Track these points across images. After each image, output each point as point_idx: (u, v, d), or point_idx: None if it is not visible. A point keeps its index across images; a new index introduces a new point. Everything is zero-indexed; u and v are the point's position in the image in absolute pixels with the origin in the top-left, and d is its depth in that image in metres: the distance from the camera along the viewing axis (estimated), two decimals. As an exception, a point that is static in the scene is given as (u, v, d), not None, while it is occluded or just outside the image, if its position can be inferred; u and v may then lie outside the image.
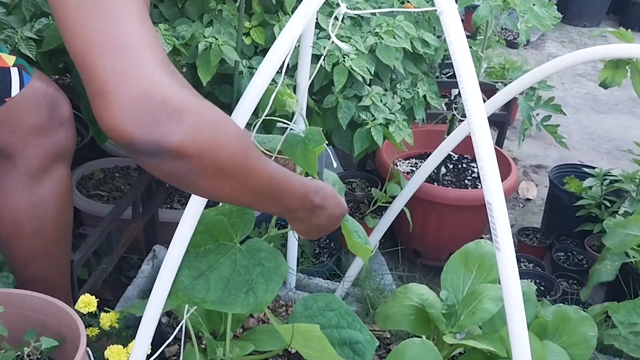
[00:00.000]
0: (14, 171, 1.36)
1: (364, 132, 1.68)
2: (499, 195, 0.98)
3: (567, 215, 2.58)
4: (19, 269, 1.47)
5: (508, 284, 1.00)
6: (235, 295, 1.09)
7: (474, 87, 0.96)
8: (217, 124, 0.79)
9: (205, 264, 1.11)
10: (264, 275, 1.11)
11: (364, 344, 1.21)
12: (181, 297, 1.09)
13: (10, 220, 1.39)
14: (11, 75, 1.29)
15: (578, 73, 4.56)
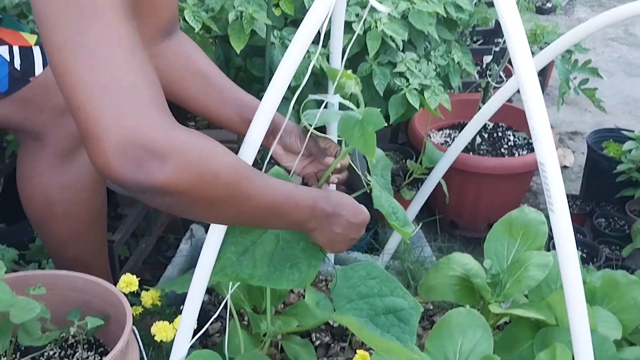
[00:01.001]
0: (43, 152, 1.36)
1: (399, 97, 1.65)
2: (552, 156, 0.94)
3: (607, 180, 2.52)
4: (55, 250, 1.47)
5: (563, 245, 0.97)
6: (280, 271, 1.09)
7: (522, 43, 0.92)
8: (204, 158, 0.81)
9: (249, 240, 1.10)
10: (306, 251, 1.10)
11: (408, 310, 1.18)
12: (229, 273, 1.08)
13: (42, 201, 1.39)
14: (34, 54, 1.29)
15: (609, 37, 4.46)
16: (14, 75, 1.26)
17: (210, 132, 2.44)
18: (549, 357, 1.31)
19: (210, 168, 0.82)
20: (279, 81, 1.02)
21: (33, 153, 1.37)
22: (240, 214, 0.91)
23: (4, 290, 1.11)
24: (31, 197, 1.40)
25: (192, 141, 0.81)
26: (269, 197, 0.92)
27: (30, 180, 1.39)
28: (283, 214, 0.97)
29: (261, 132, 1.05)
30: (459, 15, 1.80)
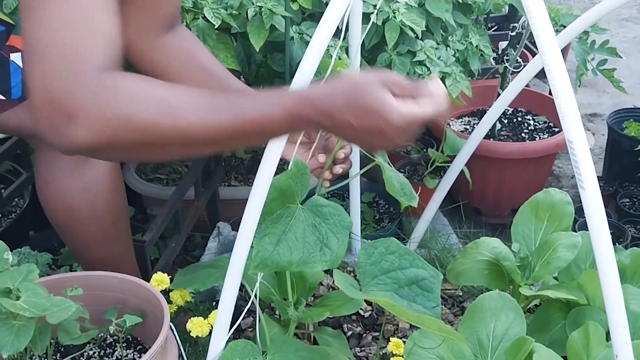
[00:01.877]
0: (59, 157, 1.37)
1: (420, 86, 1.66)
2: (580, 133, 0.95)
3: (629, 160, 2.51)
4: (81, 254, 1.49)
5: (595, 221, 0.98)
6: (313, 253, 1.12)
7: (545, 22, 0.93)
8: (124, 107, 0.79)
9: (280, 229, 1.13)
10: (332, 230, 1.14)
11: (430, 279, 1.24)
12: (269, 264, 1.11)
13: (64, 206, 1.41)
14: None
15: (624, 17, 4.43)
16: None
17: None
18: (582, 336, 1.31)
19: (131, 115, 0.79)
20: (301, 78, 1.03)
21: (49, 160, 1.39)
22: (193, 147, 0.86)
23: (39, 294, 1.13)
24: (52, 204, 1.42)
25: (116, 90, 0.79)
26: (216, 124, 0.84)
27: (49, 186, 1.41)
28: (252, 133, 0.87)
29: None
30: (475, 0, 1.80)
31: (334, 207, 1.16)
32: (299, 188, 1.16)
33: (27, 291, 1.11)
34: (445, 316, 1.68)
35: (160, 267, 1.60)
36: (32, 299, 1.10)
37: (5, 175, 2.04)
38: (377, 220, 2.20)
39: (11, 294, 1.10)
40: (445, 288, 1.78)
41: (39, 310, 1.09)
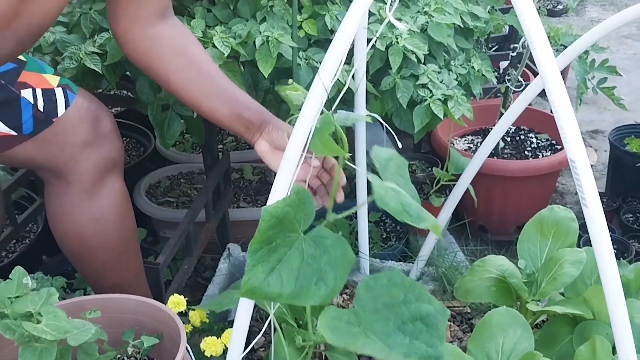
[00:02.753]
0: (69, 189, 1.40)
1: (424, 108, 1.70)
2: (582, 152, 0.98)
3: (632, 176, 2.54)
4: (94, 280, 1.52)
5: (598, 238, 1.01)
6: (307, 287, 1.06)
7: (545, 46, 0.97)
8: None
9: (276, 258, 1.08)
10: (331, 264, 1.08)
11: (435, 315, 1.15)
12: (258, 293, 1.06)
13: (75, 237, 1.44)
14: (56, 96, 1.34)
15: (623, 35, 4.48)
16: (38, 117, 1.31)
17: (239, 154, 2.50)
18: (589, 350, 1.33)
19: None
20: (313, 102, 1.07)
21: (59, 192, 1.41)
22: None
23: (60, 317, 1.16)
24: (64, 235, 1.45)
25: None
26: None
27: (60, 218, 1.44)
28: None
29: (297, 154, 1.10)
30: (476, 24, 1.85)
31: (337, 240, 1.10)
32: (300, 217, 1.11)
33: (48, 314, 1.14)
34: (455, 333, 1.70)
35: (174, 289, 1.64)
36: (53, 322, 1.13)
37: (19, 202, 2.08)
38: (384, 239, 2.23)
39: (32, 318, 1.13)
40: (454, 305, 1.80)
41: (60, 333, 1.12)
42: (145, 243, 2.08)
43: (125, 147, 2.56)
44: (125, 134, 2.60)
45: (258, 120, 1.31)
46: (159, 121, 1.64)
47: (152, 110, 1.63)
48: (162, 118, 1.64)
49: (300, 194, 1.10)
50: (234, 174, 2.41)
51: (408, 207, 1.14)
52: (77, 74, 1.57)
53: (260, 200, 2.24)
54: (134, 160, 2.45)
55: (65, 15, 1.68)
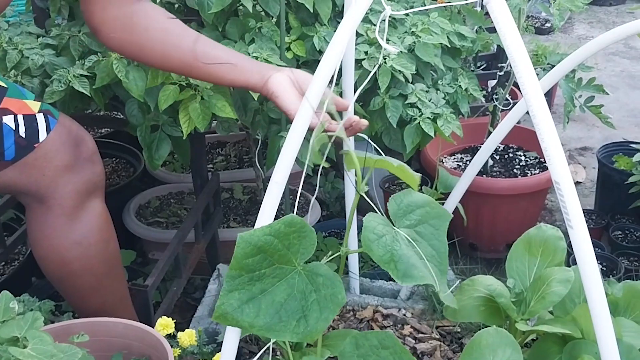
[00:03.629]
0: (50, 214, 1.40)
1: (414, 127, 1.71)
2: (566, 174, 0.99)
3: (620, 193, 2.56)
4: (78, 305, 1.52)
5: (584, 259, 1.01)
6: (286, 322, 1.04)
7: (529, 70, 0.98)
8: None
9: (259, 288, 1.05)
10: (320, 303, 1.04)
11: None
12: (229, 319, 1.04)
13: (57, 261, 1.44)
14: (37, 122, 1.34)
15: (611, 52, 4.52)
16: (20, 144, 1.32)
17: (229, 173, 2.51)
18: (578, 370, 1.34)
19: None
20: (301, 122, 1.08)
21: (40, 216, 1.41)
22: None
23: (46, 341, 1.15)
24: (46, 259, 1.45)
25: None
26: None
27: (42, 243, 1.43)
28: None
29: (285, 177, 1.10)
30: (463, 43, 1.86)
31: (330, 279, 1.06)
32: (297, 249, 1.07)
33: (34, 339, 1.13)
34: (445, 353, 1.70)
35: (163, 311, 1.63)
36: (39, 347, 1.12)
37: (8, 223, 2.07)
38: (374, 259, 2.23)
39: (18, 342, 1.13)
40: (444, 324, 1.81)
41: (46, 357, 1.11)
42: (134, 265, 2.07)
43: (115, 167, 2.56)
44: (115, 154, 2.60)
45: (254, 62, 1.31)
46: (147, 142, 1.64)
47: (142, 132, 1.64)
48: (151, 139, 1.65)
49: (297, 225, 1.06)
50: (224, 194, 2.41)
51: (398, 258, 1.08)
52: (66, 96, 1.58)
53: (250, 220, 2.24)
54: (124, 181, 2.44)
55: (54, 38, 1.69)
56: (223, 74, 1.30)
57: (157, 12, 1.32)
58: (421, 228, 1.14)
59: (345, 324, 1.82)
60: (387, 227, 1.10)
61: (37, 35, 1.75)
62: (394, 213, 1.15)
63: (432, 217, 1.15)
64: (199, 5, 1.61)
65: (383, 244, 1.07)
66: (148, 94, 1.56)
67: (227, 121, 1.66)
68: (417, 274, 1.06)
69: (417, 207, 1.15)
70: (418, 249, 1.10)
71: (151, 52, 1.31)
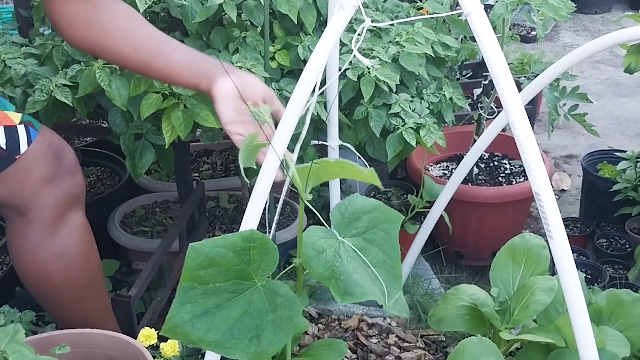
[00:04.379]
0: (30, 227, 1.38)
1: (396, 136, 1.71)
2: (546, 185, 1.00)
3: (605, 201, 2.57)
4: (60, 317, 1.50)
5: (564, 270, 1.02)
6: (237, 340, 1.00)
7: (508, 81, 0.99)
8: None
9: (214, 302, 1.02)
10: (275, 324, 1.01)
11: None
12: (179, 333, 1.01)
13: (39, 274, 1.42)
14: (18, 133, 1.33)
15: (596, 60, 4.55)
16: (1, 155, 1.30)
17: (215, 182, 2.50)
18: (561, 379, 1.34)
19: None
20: (283, 131, 1.08)
21: (20, 229, 1.40)
22: None
23: (26, 355, 1.14)
24: (27, 272, 1.43)
25: None
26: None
27: (23, 256, 1.42)
28: None
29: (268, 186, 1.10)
30: (447, 53, 1.87)
31: (289, 300, 1.03)
32: (257, 265, 1.04)
33: (15, 353, 1.12)
34: (429, 362, 1.70)
35: (147, 322, 1.62)
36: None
37: (-9, 233, 2.06)
38: (360, 267, 2.23)
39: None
40: (429, 334, 1.81)
41: (25, 369, 1.11)
42: (119, 274, 2.06)
43: (99, 176, 2.55)
44: (100, 163, 2.59)
45: (212, 64, 1.28)
46: (131, 150, 1.64)
47: (125, 140, 1.63)
48: (134, 147, 1.64)
49: (257, 240, 1.03)
50: (210, 202, 2.41)
51: (339, 275, 1.03)
52: (48, 106, 1.57)
53: (236, 228, 2.24)
54: (109, 190, 2.43)
55: (38, 48, 1.68)
56: (177, 76, 1.30)
57: (120, 10, 1.30)
58: (371, 234, 1.09)
59: (330, 333, 1.82)
60: (330, 240, 1.06)
61: (21, 44, 1.75)
62: (337, 223, 1.10)
63: (382, 221, 1.11)
64: (183, 15, 1.61)
65: (324, 261, 1.03)
66: (131, 103, 1.55)
67: (211, 130, 1.66)
68: (358, 291, 1.02)
69: (364, 214, 1.10)
70: (364, 259, 1.06)
71: (110, 50, 1.29)
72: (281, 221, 2.32)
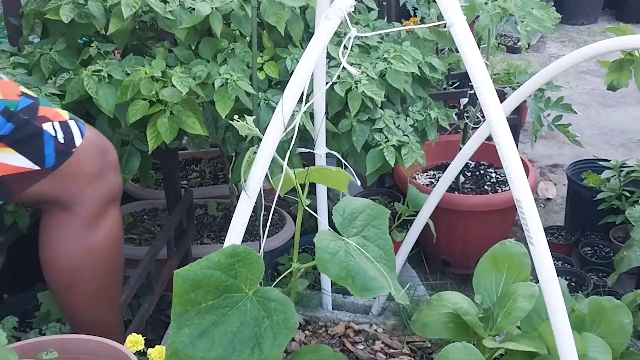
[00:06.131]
0: (73, 219, 1.40)
1: (377, 152, 1.74)
2: (527, 192, 1.02)
3: (589, 210, 2.60)
4: (75, 314, 1.51)
5: (545, 276, 1.04)
6: (240, 352, 1.03)
7: (490, 92, 1.01)
8: None
9: (209, 321, 1.04)
10: (273, 329, 1.03)
11: None
12: (181, 357, 1.03)
13: (70, 267, 1.43)
14: (71, 128, 1.36)
15: (582, 70, 4.60)
16: (60, 150, 1.33)
17: (203, 189, 2.51)
18: (544, 385, 1.36)
19: None
20: (270, 139, 1.10)
21: (60, 222, 1.41)
22: None
23: (8, 359, 1.15)
24: (58, 265, 1.44)
25: None
26: None
27: (57, 249, 1.43)
28: None
29: (256, 191, 1.12)
30: (433, 75, 1.90)
31: (282, 303, 1.04)
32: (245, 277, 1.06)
33: None
34: (414, 368, 1.72)
35: (134, 328, 1.63)
36: (5, 366, 1.12)
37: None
38: (347, 275, 2.24)
39: (-17, 362, 1.13)
40: (415, 340, 1.82)
41: (10, 374, 1.11)
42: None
43: (88, 183, 2.56)
44: (88, 170, 2.59)
45: None
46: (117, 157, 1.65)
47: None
48: (121, 153, 1.65)
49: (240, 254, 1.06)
50: (198, 210, 2.42)
51: (355, 273, 1.08)
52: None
53: (224, 236, 2.23)
54: (98, 197, 2.44)
55: (27, 57, 1.69)
56: None
57: None
58: (366, 231, 1.15)
59: (317, 339, 1.83)
60: (338, 241, 1.11)
61: (10, 53, 1.76)
62: (340, 224, 1.16)
63: (374, 217, 1.17)
64: (171, 23, 1.63)
65: (338, 262, 1.07)
66: (118, 110, 1.57)
67: (197, 137, 1.67)
68: (375, 286, 1.07)
69: (360, 212, 1.18)
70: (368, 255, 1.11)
71: None
72: (269, 229, 2.33)
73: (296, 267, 1.24)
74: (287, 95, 1.10)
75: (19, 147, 1.29)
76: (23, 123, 1.28)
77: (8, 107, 1.26)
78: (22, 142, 1.29)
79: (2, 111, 1.25)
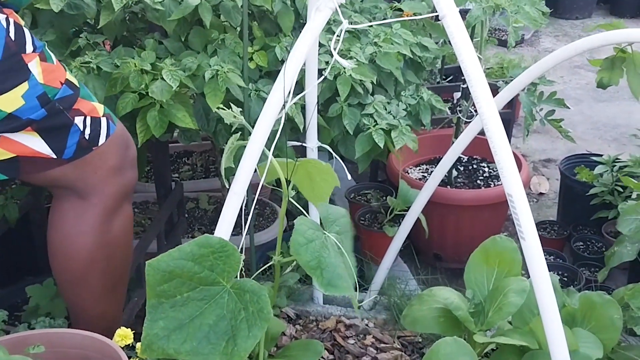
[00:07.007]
0: (91, 211, 1.40)
1: (366, 136, 1.73)
2: (519, 186, 1.01)
3: (582, 204, 2.60)
4: (85, 307, 1.49)
5: (536, 270, 1.03)
6: (215, 344, 1.03)
7: (482, 85, 1.00)
8: None
9: (185, 314, 1.04)
10: (248, 321, 1.03)
11: None
12: (155, 349, 1.03)
13: (86, 259, 1.42)
14: (101, 126, 1.36)
15: (576, 65, 4.59)
16: (82, 145, 1.33)
17: (195, 183, 2.50)
18: (534, 380, 1.35)
19: None
20: (260, 130, 1.09)
21: (76, 211, 1.40)
22: None
23: (-4, 354, 1.14)
24: (72, 256, 1.43)
25: None
26: None
27: (73, 239, 1.42)
28: None
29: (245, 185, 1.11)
30: (425, 54, 1.88)
31: (256, 294, 1.04)
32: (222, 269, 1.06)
33: (-13, 352, 1.12)
34: (405, 363, 1.71)
35: (123, 322, 1.62)
36: (-9, 359, 1.11)
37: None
38: (338, 269, 2.24)
39: (-31, 356, 1.11)
40: (406, 335, 1.82)
41: (-5, 368, 1.10)
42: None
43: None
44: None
45: None
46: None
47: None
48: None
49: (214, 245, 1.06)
50: (190, 203, 2.41)
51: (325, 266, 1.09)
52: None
53: (215, 230, 2.23)
54: (88, 190, 2.42)
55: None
56: None
57: None
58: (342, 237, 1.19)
59: (308, 334, 1.82)
60: (318, 232, 1.11)
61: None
62: (324, 217, 1.18)
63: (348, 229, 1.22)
64: (160, 15, 1.61)
65: (312, 250, 1.08)
66: (107, 103, 1.55)
67: (189, 131, 1.66)
68: (341, 284, 1.07)
69: (341, 217, 1.22)
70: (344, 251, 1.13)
71: None
72: (261, 222, 2.32)
73: (277, 260, 1.24)
74: (277, 87, 1.09)
75: (44, 133, 1.28)
76: (56, 112, 1.27)
77: (47, 93, 1.25)
78: (49, 130, 1.28)
79: (39, 95, 1.24)
